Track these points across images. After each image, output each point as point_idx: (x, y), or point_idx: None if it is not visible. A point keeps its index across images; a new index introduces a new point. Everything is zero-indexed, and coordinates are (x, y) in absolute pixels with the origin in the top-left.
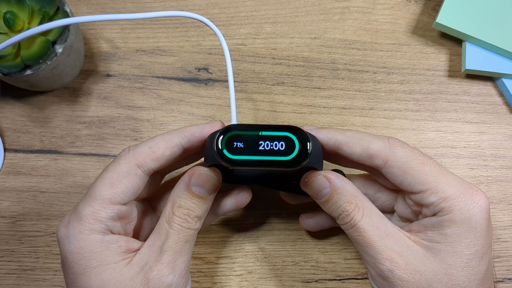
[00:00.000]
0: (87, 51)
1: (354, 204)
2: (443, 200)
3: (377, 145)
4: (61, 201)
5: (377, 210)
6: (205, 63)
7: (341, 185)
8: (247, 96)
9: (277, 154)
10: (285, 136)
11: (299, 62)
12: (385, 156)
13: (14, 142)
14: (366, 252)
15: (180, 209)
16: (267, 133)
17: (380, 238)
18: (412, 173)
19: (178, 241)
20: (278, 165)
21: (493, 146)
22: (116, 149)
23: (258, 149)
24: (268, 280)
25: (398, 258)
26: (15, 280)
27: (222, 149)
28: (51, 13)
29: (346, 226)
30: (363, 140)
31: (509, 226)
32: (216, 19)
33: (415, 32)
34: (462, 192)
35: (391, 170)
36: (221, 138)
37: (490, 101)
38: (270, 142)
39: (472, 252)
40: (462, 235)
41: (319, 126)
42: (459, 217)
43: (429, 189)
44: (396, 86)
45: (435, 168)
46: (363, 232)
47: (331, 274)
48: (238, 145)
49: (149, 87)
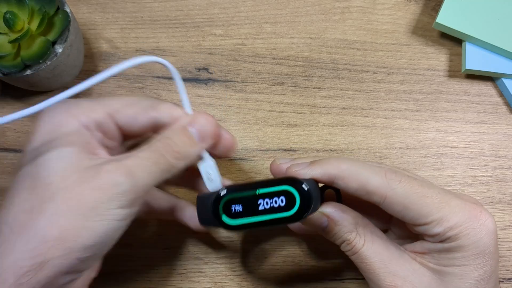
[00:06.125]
0: (87, 51)
1: (355, 232)
2: (449, 229)
3: (374, 180)
4: None
5: (380, 233)
6: (205, 63)
7: (340, 217)
8: (247, 96)
9: (278, 211)
10: (283, 190)
11: (299, 62)
12: (384, 193)
13: (14, 142)
14: (370, 279)
15: (166, 139)
16: (264, 191)
17: (383, 265)
18: (413, 208)
19: (149, 157)
20: (280, 222)
21: (493, 146)
22: None
23: (258, 209)
24: (268, 280)
25: (403, 283)
26: None
27: (220, 216)
28: (51, 13)
29: (349, 253)
30: (360, 175)
31: (509, 226)
32: (216, 19)
33: (415, 32)
34: (467, 217)
35: (392, 207)
36: (218, 204)
37: (490, 101)
38: (269, 199)
39: (481, 273)
40: (471, 258)
41: (306, 160)
42: (467, 242)
43: (433, 220)
44: (396, 86)
45: (436, 198)
46: (365, 259)
47: (331, 274)
48: (236, 209)
49: (149, 87)
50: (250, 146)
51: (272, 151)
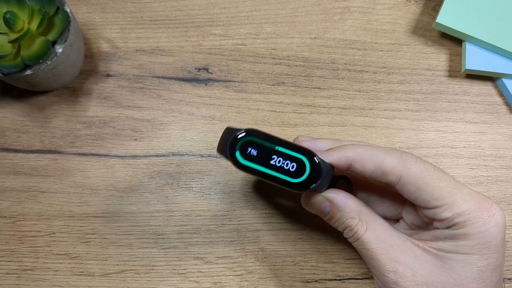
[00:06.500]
0: (87, 51)
1: (357, 218)
2: (458, 215)
3: (390, 161)
4: (61, 201)
5: (383, 221)
6: (205, 63)
7: (342, 203)
8: (247, 96)
9: (286, 173)
10: (298, 158)
11: (299, 62)
12: (399, 172)
13: (14, 142)
14: (371, 265)
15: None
16: (282, 150)
17: (385, 251)
18: (427, 189)
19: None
20: (283, 184)
21: (493, 146)
22: (116, 149)
23: (269, 162)
24: (268, 280)
25: (404, 269)
26: (15, 280)
27: (235, 151)
28: (51, 13)
29: (351, 239)
30: (376, 156)
31: (509, 226)
32: (216, 19)
33: (415, 32)
34: (477, 206)
35: (406, 187)
36: (238, 140)
37: (490, 101)
38: (283, 159)
39: (484, 264)
40: (476, 247)
41: (327, 142)
42: (473, 231)
43: (444, 204)
44: (396, 86)
45: (450, 183)
46: (367, 245)
47: (331, 274)
48: (251, 152)
49: (149, 87)
50: None
51: None
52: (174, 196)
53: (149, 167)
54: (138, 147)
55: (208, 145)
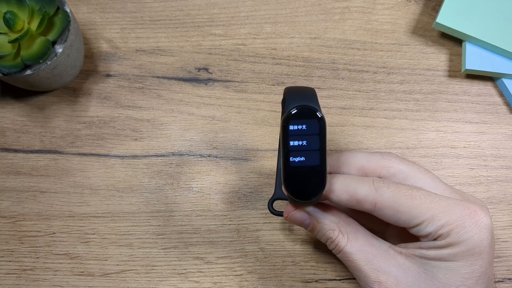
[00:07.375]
0: (87, 51)
1: (337, 230)
2: (440, 227)
3: (363, 190)
4: (61, 201)
5: (364, 230)
6: (205, 63)
7: (320, 215)
8: (247, 96)
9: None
10: None
11: (299, 62)
12: (373, 200)
13: (14, 142)
14: (357, 276)
15: None
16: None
17: (367, 261)
18: (404, 210)
19: None
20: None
21: (493, 146)
22: (116, 149)
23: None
24: (268, 280)
25: (387, 279)
26: (15, 280)
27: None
28: (51, 13)
29: (334, 251)
30: (348, 186)
31: (509, 226)
32: (216, 19)
33: (415, 32)
34: (459, 215)
35: (383, 212)
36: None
37: (490, 101)
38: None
39: (468, 271)
40: (459, 254)
41: None
42: (456, 239)
43: (424, 220)
44: (396, 86)
45: (426, 198)
46: (350, 256)
47: (331, 274)
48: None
49: (149, 87)
50: (250, 146)
51: (272, 151)
52: (174, 196)
53: (149, 167)
54: (138, 147)
55: (208, 145)
